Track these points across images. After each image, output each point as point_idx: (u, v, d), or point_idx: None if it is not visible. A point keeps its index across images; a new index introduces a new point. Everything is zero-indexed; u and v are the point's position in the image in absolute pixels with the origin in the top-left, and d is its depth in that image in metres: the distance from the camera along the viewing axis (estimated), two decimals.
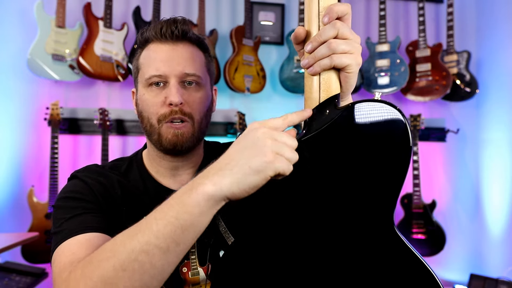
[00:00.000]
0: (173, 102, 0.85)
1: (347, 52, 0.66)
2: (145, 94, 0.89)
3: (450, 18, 2.81)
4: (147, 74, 0.88)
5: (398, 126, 0.65)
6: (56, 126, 2.37)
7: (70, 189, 0.85)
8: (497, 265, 2.90)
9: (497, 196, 2.98)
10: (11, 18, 2.52)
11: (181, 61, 0.87)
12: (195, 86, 0.89)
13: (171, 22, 0.88)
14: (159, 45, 0.89)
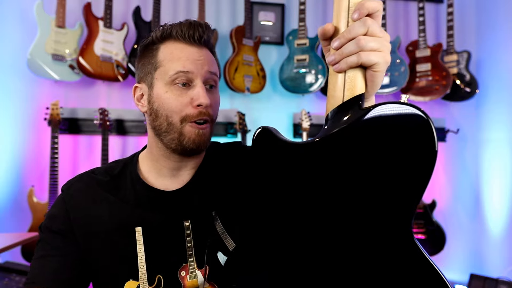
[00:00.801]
0: (204, 103, 0.85)
1: (375, 50, 0.64)
2: (168, 92, 0.87)
3: (450, 18, 2.81)
4: (172, 70, 0.86)
5: (423, 130, 0.61)
6: (56, 126, 2.37)
7: (50, 214, 0.91)
8: (497, 265, 2.90)
9: (497, 196, 2.98)
10: (11, 18, 2.52)
11: (206, 63, 0.89)
12: (214, 89, 0.92)
13: (198, 25, 0.89)
14: (184, 45, 0.88)
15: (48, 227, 0.89)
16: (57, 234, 0.88)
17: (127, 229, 0.87)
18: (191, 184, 0.94)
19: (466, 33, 3.05)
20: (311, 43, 2.73)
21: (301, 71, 2.69)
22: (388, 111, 0.63)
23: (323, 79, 2.67)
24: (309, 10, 2.87)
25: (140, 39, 2.53)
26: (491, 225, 2.99)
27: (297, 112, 2.84)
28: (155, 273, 0.86)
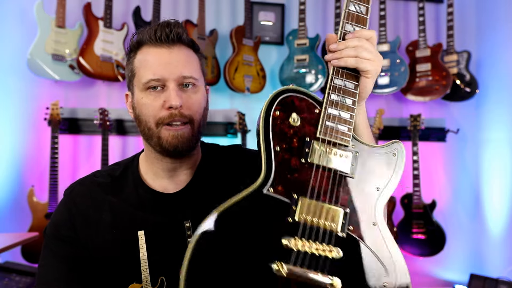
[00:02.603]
0: (173, 105, 0.85)
1: (369, 59, 0.80)
2: (143, 98, 0.88)
3: (450, 18, 2.81)
4: (144, 78, 0.87)
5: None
6: (56, 126, 2.37)
7: (54, 221, 0.92)
8: (497, 265, 2.90)
9: (497, 196, 2.98)
10: (11, 18, 2.52)
11: (178, 64, 0.87)
12: (192, 88, 0.90)
13: (165, 25, 0.89)
14: (155, 49, 0.88)
15: (53, 234, 0.90)
16: (62, 242, 0.89)
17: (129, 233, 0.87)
18: (190, 185, 0.94)
19: (466, 33, 3.05)
20: (311, 43, 2.73)
21: (301, 71, 2.69)
22: None
23: (323, 79, 2.67)
24: (309, 10, 2.87)
25: None
26: (491, 225, 2.99)
27: None
28: (158, 275, 0.87)
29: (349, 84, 0.82)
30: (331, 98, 0.81)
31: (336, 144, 0.79)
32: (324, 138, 0.79)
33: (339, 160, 0.78)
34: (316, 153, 0.78)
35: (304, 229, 0.74)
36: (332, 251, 0.71)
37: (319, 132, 0.79)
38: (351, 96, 0.82)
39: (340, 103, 0.81)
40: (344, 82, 0.82)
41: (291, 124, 0.80)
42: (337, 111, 0.81)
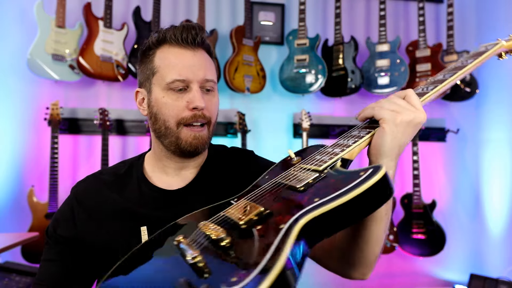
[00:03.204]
0: (199, 106, 0.88)
1: (388, 108, 0.77)
2: (165, 97, 0.90)
3: (450, 18, 2.81)
4: (168, 78, 0.88)
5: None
6: (56, 126, 2.37)
7: (56, 217, 0.94)
8: (497, 265, 2.90)
9: (497, 196, 2.98)
10: (11, 18, 2.52)
11: (202, 68, 0.90)
12: (212, 92, 0.93)
13: (191, 28, 0.91)
14: (179, 50, 0.90)
15: (52, 231, 0.93)
16: (59, 240, 0.91)
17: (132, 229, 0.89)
18: (194, 182, 0.96)
19: (466, 33, 3.05)
20: (311, 43, 2.73)
21: (301, 71, 2.69)
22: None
23: (323, 79, 2.67)
24: (309, 10, 2.87)
25: (140, 39, 2.53)
26: (491, 225, 2.99)
27: (297, 112, 2.84)
28: None
29: (362, 133, 0.80)
30: (339, 141, 0.82)
31: (309, 169, 0.77)
32: (301, 166, 0.80)
33: (299, 179, 0.74)
34: (285, 174, 0.80)
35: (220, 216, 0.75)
36: (219, 234, 0.66)
37: (300, 162, 0.83)
38: (355, 138, 0.79)
39: (339, 144, 0.81)
40: (360, 132, 0.81)
41: (292, 160, 0.87)
42: (332, 149, 0.81)
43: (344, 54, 2.74)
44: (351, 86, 2.71)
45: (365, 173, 0.64)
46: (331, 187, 0.66)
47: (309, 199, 0.66)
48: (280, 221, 0.63)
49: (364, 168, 0.65)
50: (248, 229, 0.67)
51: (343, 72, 2.73)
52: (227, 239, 0.65)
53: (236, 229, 0.69)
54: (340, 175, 0.70)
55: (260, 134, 2.84)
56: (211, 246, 0.67)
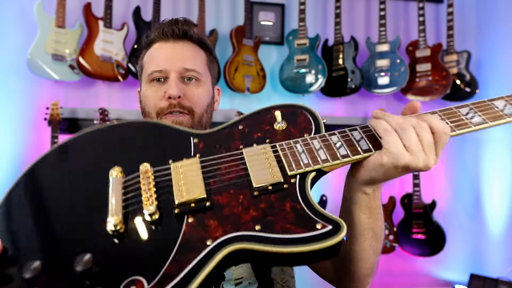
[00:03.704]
0: (172, 95, 0.87)
1: (404, 142, 0.62)
2: (147, 89, 0.92)
3: (450, 18, 2.81)
4: (149, 70, 0.91)
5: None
6: (56, 126, 2.37)
7: None
8: (497, 265, 2.90)
9: (497, 196, 2.98)
10: (11, 18, 2.52)
11: (181, 57, 0.90)
12: (195, 82, 0.92)
13: (173, 22, 0.92)
14: (161, 44, 0.92)
15: None
16: None
17: None
18: None
19: (466, 33, 3.04)
20: (311, 43, 2.73)
21: (301, 71, 2.69)
22: None
23: (323, 79, 2.67)
24: (309, 10, 2.87)
25: (140, 39, 2.53)
26: (491, 225, 2.99)
27: None
28: None
29: (361, 141, 0.67)
30: (331, 137, 0.68)
31: (280, 161, 0.66)
32: (276, 149, 0.68)
33: (262, 173, 0.64)
34: (254, 152, 0.68)
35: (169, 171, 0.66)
36: (149, 207, 0.60)
37: (281, 143, 0.69)
38: (349, 148, 0.66)
39: (329, 145, 0.67)
40: (360, 141, 0.67)
41: (274, 125, 0.74)
42: (320, 146, 0.67)
43: (344, 54, 2.74)
44: (351, 86, 2.71)
45: (323, 228, 0.56)
46: (281, 221, 0.57)
47: (252, 220, 0.59)
48: (210, 231, 0.58)
49: (325, 217, 0.57)
50: (179, 216, 0.61)
51: (343, 72, 2.73)
52: (155, 216, 0.60)
53: (167, 207, 0.62)
54: (298, 206, 0.60)
55: None
56: (136, 214, 0.61)
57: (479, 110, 0.69)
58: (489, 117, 0.68)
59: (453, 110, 0.69)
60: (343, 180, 0.74)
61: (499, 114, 0.67)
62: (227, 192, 0.63)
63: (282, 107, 0.76)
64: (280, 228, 0.57)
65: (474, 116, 0.68)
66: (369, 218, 0.71)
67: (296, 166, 0.64)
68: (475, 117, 0.68)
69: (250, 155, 0.67)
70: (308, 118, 0.73)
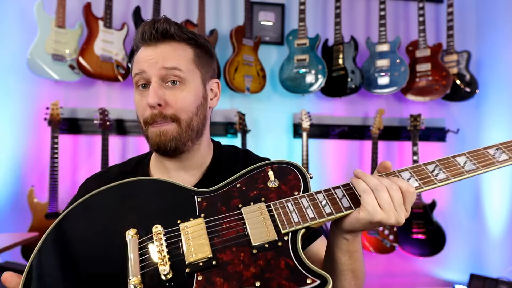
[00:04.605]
0: (149, 103, 0.84)
1: (378, 201, 0.72)
2: (136, 96, 0.91)
3: (450, 18, 2.81)
4: (132, 75, 0.90)
5: None
6: (56, 126, 2.37)
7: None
8: (497, 265, 2.90)
9: (497, 196, 2.98)
10: (11, 18, 2.52)
11: (161, 58, 0.86)
12: (180, 85, 0.87)
13: (152, 23, 0.88)
14: (144, 48, 0.90)
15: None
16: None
17: None
18: (197, 186, 0.92)
19: (466, 33, 3.05)
20: (311, 43, 2.73)
21: (301, 71, 2.69)
22: None
23: (323, 79, 2.67)
24: (309, 10, 2.87)
25: None
26: (491, 225, 2.99)
27: (297, 112, 2.84)
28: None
29: (343, 199, 0.75)
30: (317, 195, 0.76)
31: (274, 220, 0.73)
32: (271, 208, 0.75)
33: (259, 231, 0.72)
34: (252, 211, 0.75)
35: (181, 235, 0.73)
36: (165, 267, 0.68)
37: (275, 202, 0.76)
38: (333, 206, 0.74)
39: (315, 203, 0.75)
40: (343, 194, 0.76)
41: (268, 183, 0.80)
42: (308, 204, 0.75)
43: (344, 54, 2.74)
44: (351, 86, 2.71)
45: (313, 282, 0.64)
46: (277, 278, 0.65)
47: (252, 277, 0.66)
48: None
49: (314, 272, 0.65)
50: (190, 275, 0.68)
51: (343, 72, 2.73)
52: (169, 275, 0.67)
53: (179, 267, 0.69)
54: (291, 263, 0.67)
55: (260, 134, 2.84)
56: (153, 274, 0.68)
57: (444, 167, 0.78)
58: (452, 173, 0.77)
59: (421, 167, 0.79)
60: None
61: (460, 171, 0.77)
62: (230, 250, 0.71)
63: (274, 164, 0.83)
64: (277, 285, 0.65)
65: (439, 173, 0.78)
66: (349, 260, 0.79)
67: (288, 225, 0.72)
68: (440, 174, 0.78)
69: (248, 214, 0.75)
70: (297, 175, 0.81)
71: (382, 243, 2.69)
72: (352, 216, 0.73)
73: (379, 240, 2.69)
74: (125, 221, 0.76)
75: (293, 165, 0.82)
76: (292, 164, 0.83)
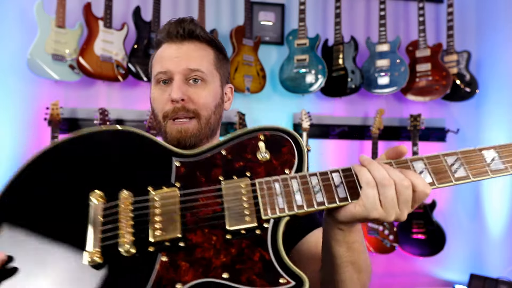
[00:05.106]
0: (174, 98, 0.86)
1: (380, 195, 0.62)
2: (154, 92, 0.92)
3: (450, 18, 2.81)
4: (155, 72, 0.91)
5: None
6: (56, 126, 2.37)
7: None
8: (497, 265, 2.90)
9: (497, 196, 2.98)
10: (11, 18, 2.52)
11: (186, 58, 0.89)
12: (201, 84, 0.91)
13: (178, 22, 0.91)
14: (168, 45, 0.92)
15: None
16: None
17: None
18: None
19: (466, 33, 3.04)
20: (311, 43, 2.73)
21: (301, 71, 2.69)
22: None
23: (323, 79, 2.67)
24: (309, 10, 2.87)
25: (140, 39, 2.53)
26: (491, 225, 2.99)
27: (297, 112, 2.84)
28: None
29: (340, 187, 0.65)
30: (311, 178, 0.66)
31: (257, 203, 0.65)
32: (254, 187, 0.66)
33: (237, 215, 0.64)
34: (233, 187, 0.66)
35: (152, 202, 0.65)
36: (126, 243, 0.60)
37: (260, 180, 0.67)
38: (326, 194, 0.64)
39: (309, 188, 0.65)
40: (341, 181, 0.65)
41: (257, 154, 0.71)
42: (298, 188, 0.65)
43: (344, 54, 2.74)
44: (351, 86, 2.71)
45: (286, 284, 0.57)
46: (248, 271, 0.58)
47: (221, 266, 0.59)
48: (181, 274, 0.59)
49: (291, 271, 0.58)
50: (153, 254, 0.61)
51: (343, 72, 2.73)
52: (131, 251, 0.60)
53: (144, 244, 0.62)
54: (267, 257, 0.60)
55: None
56: (114, 247, 0.61)
57: (466, 162, 0.64)
58: (474, 172, 0.63)
59: (439, 158, 0.65)
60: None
61: (485, 169, 0.63)
62: (201, 231, 0.63)
63: (268, 130, 0.73)
64: (246, 279, 0.58)
65: (458, 169, 0.64)
66: (347, 252, 0.70)
67: (271, 211, 0.63)
68: (459, 170, 0.63)
69: (228, 190, 0.66)
70: (292, 149, 0.70)
71: (382, 243, 2.68)
72: (347, 209, 0.64)
73: (379, 240, 2.69)
74: (91, 180, 0.67)
75: (290, 134, 0.72)
76: (288, 133, 0.73)
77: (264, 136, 0.72)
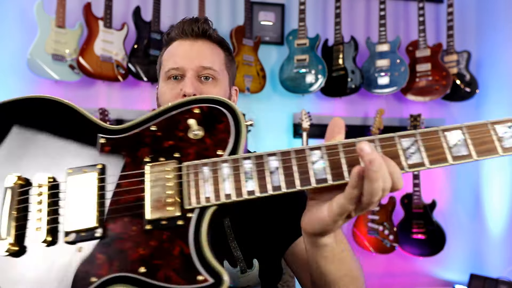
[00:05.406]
0: (187, 93, 0.87)
1: (366, 193, 0.50)
2: (164, 86, 0.93)
3: (450, 18, 2.81)
4: (166, 67, 0.92)
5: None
6: None
7: None
8: (497, 265, 2.90)
9: (497, 196, 2.98)
10: (11, 18, 2.52)
11: (199, 56, 0.91)
12: (212, 81, 0.92)
13: (193, 21, 0.93)
14: (181, 42, 0.93)
15: None
16: None
17: None
18: None
19: (466, 33, 3.04)
20: (311, 43, 2.73)
21: (301, 71, 2.69)
22: None
23: (323, 79, 2.67)
24: (309, 10, 2.87)
25: (140, 39, 2.53)
26: (491, 225, 2.99)
27: (297, 112, 2.84)
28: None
29: (274, 175, 0.54)
30: (244, 161, 0.56)
31: (182, 190, 0.58)
32: (181, 173, 0.59)
33: (158, 204, 0.57)
34: (157, 172, 0.59)
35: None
36: (39, 229, 0.57)
37: (188, 164, 0.59)
38: (258, 182, 0.55)
39: (239, 175, 0.55)
40: (278, 165, 0.54)
41: (189, 132, 0.62)
42: (228, 173, 0.56)
43: (344, 54, 2.74)
44: (351, 86, 2.71)
45: (203, 282, 0.52)
46: (165, 266, 0.53)
47: (138, 260, 0.54)
48: (97, 267, 0.55)
49: (210, 268, 0.52)
50: (70, 244, 0.57)
51: (343, 72, 2.73)
52: (47, 240, 0.57)
53: (60, 233, 0.58)
54: (186, 251, 0.54)
55: (260, 134, 2.84)
56: (30, 236, 0.58)
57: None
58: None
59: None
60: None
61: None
62: (121, 221, 0.57)
63: (204, 103, 0.63)
64: (163, 275, 0.53)
65: (413, 154, 0.52)
66: (340, 265, 0.64)
67: (196, 200, 0.56)
68: (414, 156, 0.52)
69: (152, 175, 0.59)
70: (228, 125, 0.60)
71: (382, 243, 2.68)
72: (313, 216, 0.55)
73: (379, 240, 2.69)
74: (8, 159, 0.62)
75: (229, 107, 0.62)
76: (227, 105, 0.62)
77: (200, 110, 0.62)
